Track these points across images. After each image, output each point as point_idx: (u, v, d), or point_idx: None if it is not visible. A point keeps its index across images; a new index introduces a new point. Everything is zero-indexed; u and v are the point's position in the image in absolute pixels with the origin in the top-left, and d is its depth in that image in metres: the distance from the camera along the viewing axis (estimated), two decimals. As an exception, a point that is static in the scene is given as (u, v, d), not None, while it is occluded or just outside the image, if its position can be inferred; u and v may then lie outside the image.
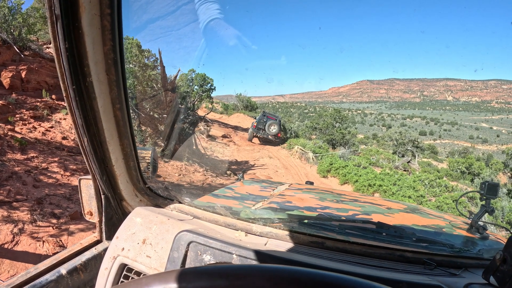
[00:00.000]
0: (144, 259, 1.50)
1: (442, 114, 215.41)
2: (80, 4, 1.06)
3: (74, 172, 9.59)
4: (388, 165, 22.95)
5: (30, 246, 5.86)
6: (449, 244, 1.75)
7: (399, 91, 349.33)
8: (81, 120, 1.33)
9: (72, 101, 1.26)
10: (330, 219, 2.03)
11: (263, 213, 2.05)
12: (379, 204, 3.17)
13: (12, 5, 15.87)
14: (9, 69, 14.37)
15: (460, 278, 1.33)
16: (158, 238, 1.53)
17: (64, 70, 1.18)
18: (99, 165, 1.54)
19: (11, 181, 7.82)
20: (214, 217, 1.75)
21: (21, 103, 13.43)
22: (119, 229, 1.66)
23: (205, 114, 20.21)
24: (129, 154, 1.60)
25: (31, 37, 17.46)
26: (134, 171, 1.71)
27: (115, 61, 1.25)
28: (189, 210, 1.84)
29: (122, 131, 1.47)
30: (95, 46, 1.18)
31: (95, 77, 1.24)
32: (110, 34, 1.18)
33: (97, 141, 1.45)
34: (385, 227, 1.87)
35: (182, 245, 1.43)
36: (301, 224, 1.80)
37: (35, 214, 6.77)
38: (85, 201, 1.99)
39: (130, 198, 1.81)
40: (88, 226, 6.85)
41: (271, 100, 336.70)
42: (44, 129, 12.05)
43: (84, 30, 1.12)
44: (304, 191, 3.39)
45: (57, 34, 1.09)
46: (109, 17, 1.14)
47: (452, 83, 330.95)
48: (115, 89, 1.33)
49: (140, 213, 1.69)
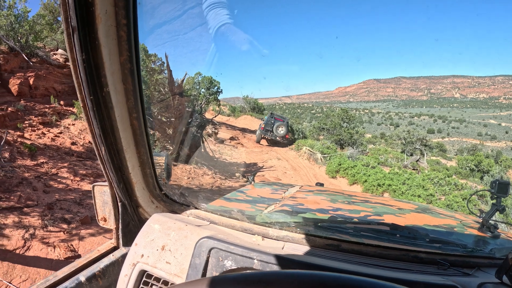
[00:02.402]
0: (163, 265, 1.51)
1: (449, 111, 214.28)
2: (97, 16, 1.06)
3: (84, 177, 9.64)
4: (397, 164, 22.84)
5: (42, 251, 5.89)
6: (461, 244, 1.75)
7: (406, 89, 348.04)
8: (98, 129, 1.33)
9: (89, 111, 1.27)
10: (344, 221, 2.06)
11: (278, 217, 2.06)
12: (390, 204, 3.17)
13: (19, 13, 16.00)
14: (17, 76, 14.50)
15: (473, 278, 1.34)
16: (177, 244, 1.55)
17: (81, 81, 1.18)
18: (116, 173, 1.56)
19: (21, 187, 7.87)
20: (231, 222, 1.77)
21: (30, 110, 13.53)
22: (138, 236, 1.67)
23: (213, 117, 20.23)
24: (146, 161, 1.61)
25: (38, 44, 17.60)
26: (150, 178, 1.72)
27: (132, 71, 1.26)
28: (206, 215, 1.86)
29: (139, 139, 1.49)
30: (112, 56, 1.18)
31: (112, 87, 1.25)
32: (127, 45, 1.19)
33: (114, 150, 1.46)
34: (398, 228, 1.88)
35: (204, 251, 1.44)
36: (316, 227, 1.81)
37: (46, 219, 6.80)
38: (98, 207, 2.01)
39: (146, 205, 1.82)
40: (99, 231, 6.87)
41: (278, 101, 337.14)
42: (53, 135, 12.13)
43: (101, 41, 1.12)
44: (315, 193, 3.38)
45: (73, 46, 1.09)
46: (125, 28, 1.14)
47: (459, 80, 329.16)
48: (131, 98, 1.33)
49: (158, 219, 1.71)
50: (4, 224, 6.33)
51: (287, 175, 16.36)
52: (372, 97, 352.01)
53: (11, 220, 6.51)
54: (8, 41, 15.21)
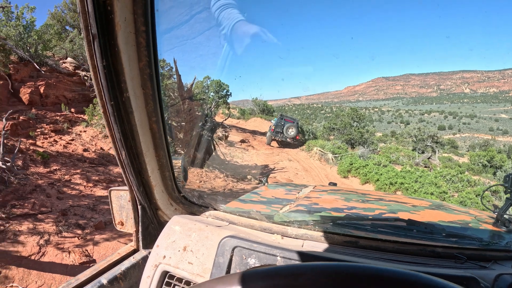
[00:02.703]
0: (186, 266, 1.53)
1: (460, 107, 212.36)
2: (116, 23, 1.08)
3: (96, 183, 9.71)
4: (409, 162, 22.70)
5: (57, 257, 5.94)
6: (477, 238, 1.76)
7: (416, 86, 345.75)
8: (119, 134, 1.36)
9: (110, 116, 1.29)
10: (361, 218, 2.06)
11: (296, 216, 2.08)
12: (404, 202, 3.17)
13: (27, 23, 16.20)
14: (27, 85, 14.67)
15: (490, 270, 1.35)
16: (198, 244, 1.58)
17: (102, 87, 1.20)
18: (136, 177, 1.58)
19: (35, 194, 7.94)
20: (250, 222, 1.78)
21: (41, 118, 13.68)
22: (159, 238, 1.69)
23: (223, 120, 20.30)
24: (165, 164, 1.63)
25: (47, 53, 17.79)
26: (169, 181, 1.74)
27: (151, 76, 1.27)
28: (225, 216, 1.87)
29: (158, 143, 1.51)
30: (131, 62, 1.20)
31: (131, 92, 1.27)
32: (146, 51, 1.20)
33: (134, 154, 1.49)
34: (415, 224, 1.88)
35: (227, 250, 1.46)
36: (334, 224, 1.82)
37: (60, 225, 6.86)
38: (115, 211, 2.03)
39: (165, 207, 1.84)
40: (113, 236, 6.91)
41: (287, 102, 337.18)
42: (65, 142, 12.24)
43: (120, 48, 1.14)
44: (329, 193, 3.38)
45: (94, 53, 1.12)
46: (144, 34, 1.16)
47: (468, 75, 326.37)
48: (151, 102, 1.35)
49: (178, 221, 1.74)
50: (19, 231, 6.39)
51: (298, 176, 16.34)
52: (381, 95, 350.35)
53: (26, 227, 6.57)
54: (18, 51, 15.39)
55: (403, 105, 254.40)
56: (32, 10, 16.50)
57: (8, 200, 7.35)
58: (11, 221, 6.66)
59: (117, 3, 1.06)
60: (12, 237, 6.18)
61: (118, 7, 1.06)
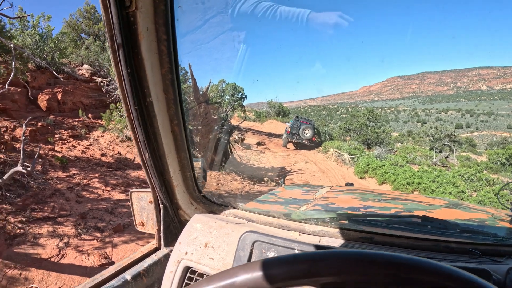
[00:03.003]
0: (207, 261, 1.59)
1: (477, 104, 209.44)
2: (139, 33, 1.15)
3: (114, 186, 9.82)
4: (426, 162, 22.46)
5: (76, 259, 6.02)
6: (492, 233, 1.75)
7: (431, 85, 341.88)
8: (142, 136, 1.42)
9: (134, 120, 1.36)
10: (376, 215, 2.09)
11: (314, 214, 2.11)
12: (420, 201, 3.16)
13: (43, 32, 16.48)
14: (45, 92, 14.94)
15: (504, 265, 1.35)
16: (219, 241, 1.63)
17: (127, 92, 1.27)
18: (159, 177, 1.64)
19: (54, 198, 8.07)
20: (268, 220, 1.82)
21: (59, 124, 13.90)
22: (181, 235, 1.76)
23: (239, 123, 20.35)
24: (186, 165, 1.69)
25: (63, 61, 18.08)
26: (190, 181, 1.80)
27: (172, 81, 1.33)
28: (244, 214, 1.92)
29: (180, 144, 1.57)
30: (154, 69, 1.27)
31: (154, 97, 1.33)
32: (167, 58, 1.26)
33: (156, 155, 1.54)
34: (429, 219, 1.89)
35: (247, 244, 1.51)
36: (350, 221, 1.85)
37: (79, 228, 6.95)
38: (136, 212, 2.10)
39: (186, 207, 1.90)
40: (131, 238, 6.98)
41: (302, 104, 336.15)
42: (83, 147, 12.42)
43: (143, 56, 1.20)
44: (345, 193, 3.40)
45: (119, 61, 1.18)
46: (166, 43, 1.23)
47: (484, 71, 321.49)
48: (172, 106, 1.41)
49: (199, 219, 1.80)
50: (39, 234, 6.50)
51: (315, 178, 16.29)
52: (397, 95, 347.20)
53: (46, 230, 6.68)
54: (36, 58, 15.66)
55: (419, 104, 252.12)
56: (48, 19, 16.80)
57: (28, 204, 7.48)
58: (31, 224, 6.78)
59: (139, 14, 1.11)
60: (32, 239, 6.29)
61: (140, 18, 1.12)
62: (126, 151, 13.62)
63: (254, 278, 0.72)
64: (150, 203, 1.99)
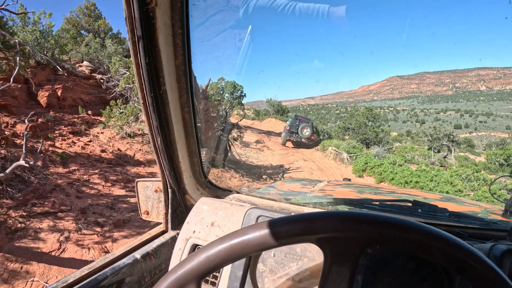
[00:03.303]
0: (213, 238, 1.65)
1: (476, 105, 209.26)
2: (157, 27, 1.25)
3: (114, 182, 9.87)
4: (424, 162, 22.49)
5: (77, 253, 6.07)
6: (479, 218, 1.88)
7: (431, 85, 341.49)
8: (156, 122, 1.51)
9: (149, 106, 1.45)
10: (370, 200, 2.14)
11: (312, 199, 2.26)
12: (416, 194, 3.27)
13: (44, 28, 16.48)
14: (45, 89, 14.95)
15: (488, 244, 1.39)
16: (224, 220, 1.73)
17: (144, 81, 1.36)
18: (169, 162, 1.74)
19: (55, 193, 8.11)
20: (270, 203, 1.92)
21: (59, 120, 13.92)
22: (189, 216, 1.85)
23: (238, 121, 20.35)
24: (194, 151, 1.79)
25: (63, 57, 18.08)
26: (197, 167, 1.90)
27: (185, 71, 1.44)
28: (247, 198, 2.02)
29: (189, 131, 1.67)
30: (169, 60, 1.37)
31: (168, 85, 1.43)
32: (182, 50, 1.37)
33: (167, 141, 1.64)
34: (420, 204, 1.99)
35: (252, 219, 1.63)
36: (346, 204, 1.98)
37: (79, 223, 7.00)
38: (141, 201, 2.18)
39: (192, 192, 2.00)
40: (131, 233, 7.03)
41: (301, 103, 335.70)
42: (83, 143, 12.45)
43: (160, 48, 1.31)
44: (343, 186, 3.48)
45: (138, 52, 1.28)
46: (180, 36, 1.33)
47: (484, 72, 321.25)
48: (184, 95, 1.51)
49: (205, 202, 1.90)
50: (40, 228, 6.55)
51: (314, 176, 16.31)
52: (396, 95, 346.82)
53: (46, 224, 6.73)
54: (35, 55, 15.67)
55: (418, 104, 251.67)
56: (49, 16, 16.81)
57: (29, 199, 7.53)
58: (32, 219, 6.83)
59: (158, 10, 1.21)
60: (33, 234, 6.34)
61: (159, 13, 1.22)
62: (126, 147, 13.65)
63: (262, 235, 0.80)
64: (155, 192, 2.09)
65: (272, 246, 0.81)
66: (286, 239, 0.81)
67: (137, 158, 13.14)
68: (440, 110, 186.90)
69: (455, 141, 33.01)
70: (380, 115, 34.30)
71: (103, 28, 24.36)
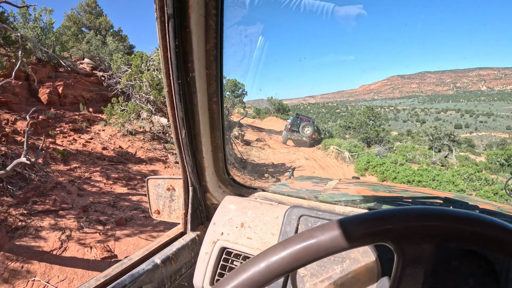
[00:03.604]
0: (245, 241, 1.57)
1: (477, 105, 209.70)
2: (190, 5, 1.13)
3: (116, 180, 9.79)
4: (425, 161, 22.47)
5: (78, 252, 5.98)
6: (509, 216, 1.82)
7: (431, 84, 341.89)
8: (182, 112, 1.39)
9: (175, 95, 1.33)
10: (401, 198, 2.06)
11: (341, 196, 2.16)
12: (428, 193, 3.19)
13: (44, 25, 16.42)
14: (46, 86, 14.88)
15: None
16: (255, 221, 1.62)
17: (171, 65, 1.24)
18: (192, 157, 1.61)
19: (56, 191, 8.03)
20: (299, 201, 1.81)
21: (60, 117, 13.86)
22: (215, 216, 1.73)
23: (239, 119, 20.29)
24: (219, 146, 1.66)
25: (64, 54, 18.02)
26: (221, 163, 1.78)
27: (216, 57, 1.32)
28: (274, 197, 1.90)
29: (216, 123, 1.54)
30: (200, 43, 1.25)
31: (197, 72, 1.31)
32: (214, 33, 1.25)
33: (191, 134, 1.51)
34: (451, 201, 1.94)
35: (294, 219, 1.50)
36: (378, 202, 1.86)
37: (81, 221, 6.92)
38: (152, 200, 2.06)
39: (214, 190, 1.87)
40: (134, 232, 6.95)
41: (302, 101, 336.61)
42: (84, 141, 12.37)
43: (192, 29, 1.19)
44: (355, 184, 3.43)
45: (167, 32, 1.16)
46: (214, 17, 1.21)
47: (485, 72, 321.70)
48: (213, 83, 1.39)
49: (231, 200, 1.77)
50: (41, 227, 6.46)
51: (316, 174, 16.24)
52: (396, 94, 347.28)
53: (47, 223, 6.64)
54: (36, 52, 15.61)
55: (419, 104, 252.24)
56: (50, 12, 16.75)
57: (30, 196, 7.44)
58: (33, 217, 6.74)
59: None
60: (33, 232, 6.25)
61: None
62: (128, 145, 13.57)
63: (333, 238, 0.72)
64: (167, 190, 1.96)
65: (342, 249, 0.73)
66: (359, 240, 0.73)
67: (139, 155, 13.06)
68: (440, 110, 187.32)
69: (455, 141, 33.04)
70: (381, 115, 34.30)
71: (104, 26, 24.31)
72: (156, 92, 13.49)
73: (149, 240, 6.69)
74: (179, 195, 1.96)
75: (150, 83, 13.75)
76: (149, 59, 14.48)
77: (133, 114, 13.98)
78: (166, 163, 12.94)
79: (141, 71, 14.22)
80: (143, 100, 14.28)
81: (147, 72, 13.92)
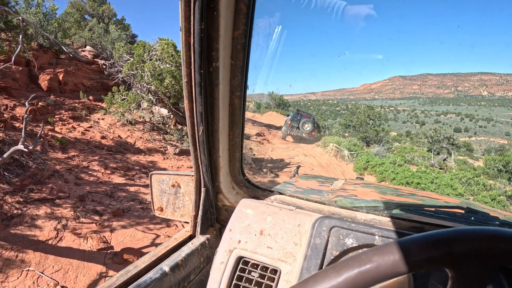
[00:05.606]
0: (265, 251, 1.46)
1: (477, 110, 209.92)
2: None
3: (114, 170, 9.70)
4: (424, 163, 22.43)
5: (74, 242, 5.90)
6: None
7: (433, 87, 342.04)
8: (201, 107, 1.25)
9: (195, 87, 1.19)
10: (422, 205, 2.01)
11: (361, 202, 2.08)
12: (436, 198, 3.13)
13: (47, 11, 16.29)
14: (46, 72, 14.78)
15: None
16: (275, 228, 1.50)
17: (194, 52, 1.10)
18: (207, 156, 1.49)
19: (53, 179, 7.94)
20: (318, 207, 1.69)
21: (60, 104, 13.76)
22: (230, 222, 1.60)
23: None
24: (237, 144, 1.53)
25: (66, 41, 17.89)
26: (238, 162, 1.65)
27: (244, 46, 1.16)
28: (291, 200, 1.77)
29: (236, 120, 1.40)
30: (227, 29, 1.10)
31: (221, 62, 1.16)
32: (245, 19, 1.09)
33: (209, 131, 1.38)
34: (473, 211, 1.88)
35: (324, 230, 1.41)
36: (402, 210, 1.80)
37: (78, 211, 6.83)
38: (155, 196, 1.94)
39: (227, 191, 1.75)
40: (131, 223, 6.87)
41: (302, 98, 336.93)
42: (83, 129, 12.29)
43: (220, 12, 1.03)
44: (362, 186, 3.34)
45: (192, 14, 1.01)
46: (246, 1, 1.06)
47: (487, 77, 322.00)
48: (238, 76, 1.24)
49: (249, 204, 1.65)
50: (36, 215, 6.38)
51: (314, 172, 16.18)
52: (397, 94, 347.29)
53: (43, 211, 6.56)
54: (37, 37, 15.48)
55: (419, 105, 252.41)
56: (53, -1, 16.62)
57: (26, 184, 7.35)
58: (29, 205, 6.65)
59: None
60: (29, 221, 6.16)
61: None
62: (127, 135, 13.48)
63: (392, 262, 0.64)
64: (172, 186, 1.85)
65: (401, 274, 0.65)
66: (421, 265, 0.65)
67: (138, 146, 12.97)
68: (440, 113, 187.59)
69: (455, 144, 33.02)
70: (381, 114, 34.25)
71: (107, 14, 24.19)
72: (158, 82, 13.39)
73: (145, 233, 6.61)
74: (184, 192, 1.84)
75: (152, 73, 13.65)
76: (152, 48, 14.36)
77: (133, 103, 13.88)
78: (165, 154, 12.85)
79: (143, 60, 14.10)
80: (144, 90, 14.17)
81: (149, 62, 13.81)
